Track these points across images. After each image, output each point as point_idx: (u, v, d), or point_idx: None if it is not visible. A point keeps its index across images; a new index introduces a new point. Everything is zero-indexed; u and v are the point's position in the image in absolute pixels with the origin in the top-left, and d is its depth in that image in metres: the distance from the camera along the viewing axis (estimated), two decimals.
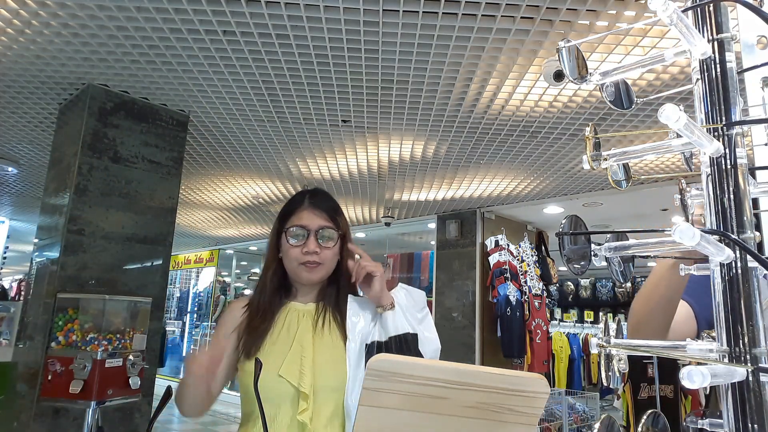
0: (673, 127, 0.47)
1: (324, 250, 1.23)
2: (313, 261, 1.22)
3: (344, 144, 3.98)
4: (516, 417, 0.56)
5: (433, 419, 0.56)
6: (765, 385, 0.51)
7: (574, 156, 4.06)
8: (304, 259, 1.22)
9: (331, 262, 1.26)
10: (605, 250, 0.61)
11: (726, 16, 0.61)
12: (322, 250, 1.23)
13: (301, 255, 1.22)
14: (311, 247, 1.22)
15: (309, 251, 1.22)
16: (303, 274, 1.23)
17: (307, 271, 1.23)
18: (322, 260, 1.23)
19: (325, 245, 1.24)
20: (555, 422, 4.65)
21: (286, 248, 1.24)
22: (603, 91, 0.71)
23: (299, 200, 1.28)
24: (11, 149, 4.48)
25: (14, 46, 2.72)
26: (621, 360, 0.57)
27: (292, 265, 1.24)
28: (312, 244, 1.22)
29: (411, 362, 0.55)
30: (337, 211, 1.29)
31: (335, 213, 1.28)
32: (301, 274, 1.23)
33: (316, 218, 1.25)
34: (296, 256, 1.22)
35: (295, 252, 1.23)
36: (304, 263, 1.22)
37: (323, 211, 1.26)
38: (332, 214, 1.27)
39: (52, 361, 2.60)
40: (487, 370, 0.55)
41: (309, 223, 1.24)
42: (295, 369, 1.13)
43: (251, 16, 2.35)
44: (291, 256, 1.23)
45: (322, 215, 1.25)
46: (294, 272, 1.25)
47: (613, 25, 2.34)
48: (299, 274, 1.24)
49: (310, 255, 1.22)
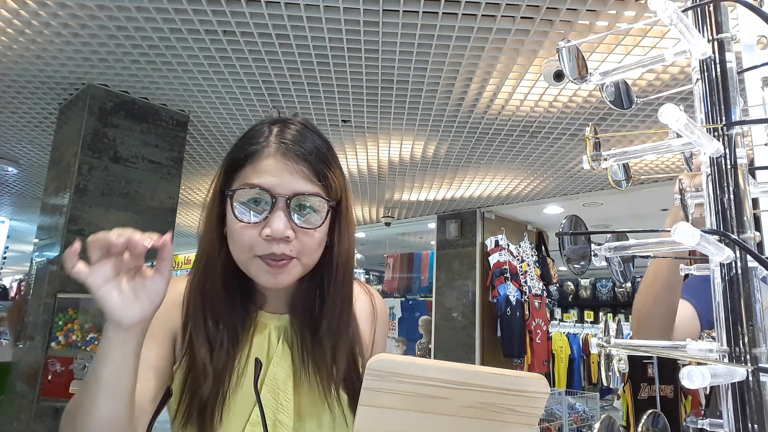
0: (673, 127, 0.47)
1: (302, 236, 0.70)
2: (281, 255, 0.69)
3: (344, 144, 3.98)
4: (516, 417, 0.56)
5: (433, 419, 0.55)
6: (765, 385, 0.51)
7: (574, 156, 4.06)
8: (266, 249, 0.69)
9: (314, 253, 0.73)
10: (605, 250, 0.61)
11: (726, 16, 0.61)
12: (298, 236, 0.70)
13: (260, 241, 0.69)
14: (278, 226, 0.68)
15: (274, 235, 0.68)
16: (263, 275, 0.70)
17: (270, 271, 0.70)
18: (298, 253, 0.70)
19: (304, 225, 0.70)
20: (555, 422, 4.65)
21: (232, 226, 0.70)
22: (603, 91, 0.71)
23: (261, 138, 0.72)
24: (11, 149, 4.48)
25: (14, 46, 2.72)
26: (621, 360, 0.57)
27: (242, 257, 0.71)
28: (280, 221, 0.68)
29: (411, 362, 0.55)
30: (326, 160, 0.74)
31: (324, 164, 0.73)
32: (260, 274, 0.71)
33: (288, 175, 0.70)
34: (250, 243, 0.69)
35: (248, 236, 0.69)
36: (266, 257, 0.69)
37: (303, 160, 0.71)
38: (319, 166, 0.72)
39: (52, 361, 2.61)
40: (487, 370, 0.55)
41: (277, 182, 0.69)
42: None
43: (251, 16, 2.35)
44: (241, 242, 0.69)
45: (302, 170, 0.70)
46: (247, 270, 0.72)
47: (613, 25, 2.34)
48: (256, 275, 0.71)
49: (276, 243, 0.68)
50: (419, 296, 7.08)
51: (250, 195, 0.70)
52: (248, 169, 0.71)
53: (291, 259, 0.70)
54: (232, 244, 0.71)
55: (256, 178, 0.70)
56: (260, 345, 0.75)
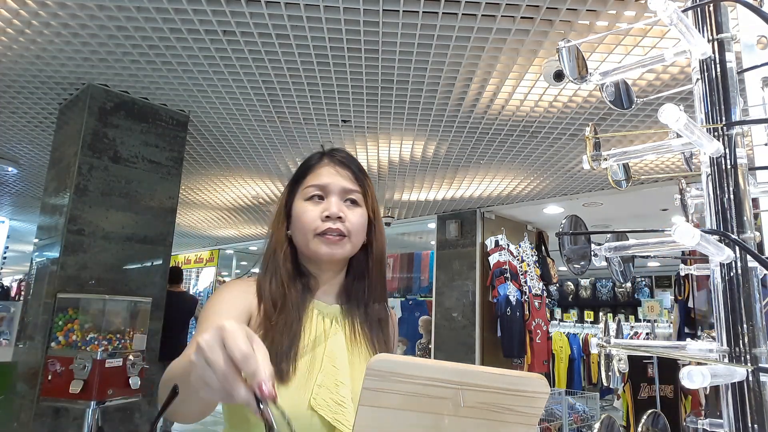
0: (673, 127, 0.47)
1: (351, 216, 0.93)
2: (336, 229, 0.91)
3: (344, 144, 3.98)
4: (516, 417, 0.56)
5: (433, 419, 0.56)
6: (765, 385, 0.51)
7: (574, 156, 4.06)
8: (324, 226, 0.91)
9: (359, 234, 0.95)
10: (605, 250, 0.61)
11: (726, 16, 0.61)
12: (348, 216, 0.93)
13: (320, 221, 0.91)
14: (333, 209, 0.91)
15: (331, 215, 0.91)
16: (322, 248, 0.91)
17: (328, 243, 0.91)
18: (347, 229, 0.92)
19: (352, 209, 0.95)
20: (555, 422, 4.65)
21: (299, 213, 0.93)
22: (603, 91, 0.71)
23: (316, 158, 0.99)
24: (11, 149, 4.48)
25: (14, 46, 2.73)
26: (621, 360, 0.57)
27: (306, 238, 0.92)
28: (335, 205, 0.92)
29: (411, 362, 0.55)
30: (363, 171, 1.00)
31: (362, 174, 0.99)
32: (319, 248, 0.91)
33: (339, 177, 0.95)
34: (312, 223, 0.91)
35: (311, 216, 0.92)
36: (323, 233, 0.91)
37: (348, 169, 0.97)
38: (359, 174, 0.98)
39: (52, 361, 2.60)
40: (487, 370, 0.56)
41: (330, 181, 0.94)
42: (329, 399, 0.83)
43: (251, 16, 2.35)
44: (305, 223, 0.92)
45: (347, 174, 0.96)
46: (308, 248, 0.92)
47: (613, 25, 2.34)
48: (316, 250, 0.91)
49: (332, 221, 0.91)
50: (419, 296, 7.08)
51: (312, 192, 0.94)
52: (309, 177, 0.96)
53: (343, 236, 0.92)
54: (298, 230, 0.93)
55: (315, 180, 0.95)
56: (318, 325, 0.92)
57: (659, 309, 5.14)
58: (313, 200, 0.94)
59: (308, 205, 0.93)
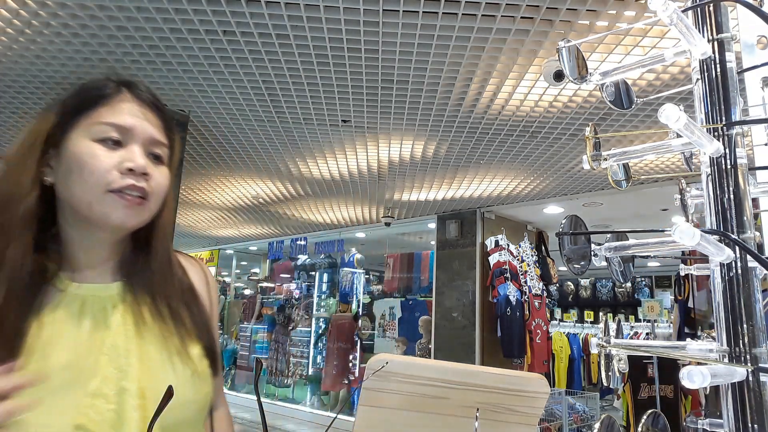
0: (673, 127, 0.47)
1: (157, 176, 0.72)
2: (139, 188, 0.68)
3: (344, 144, 3.98)
4: (516, 417, 0.56)
5: (433, 419, 0.56)
6: (765, 385, 0.51)
7: (574, 156, 4.06)
8: (124, 182, 0.67)
9: (159, 200, 0.73)
10: (605, 250, 0.61)
11: (726, 16, 0.61)
12: (153, 175, 0.71)
13: (116, 174, 0.67)
14: (140, 161, 0.69)
15: (137, 168, 0.68)
16: (117, 210, 0.67)
17: (125, 206, 0.68)
18: (151, 191, 0.70)
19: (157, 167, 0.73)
20: (555, 422, 4.65)
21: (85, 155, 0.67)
22: (603, 91, 0.71)
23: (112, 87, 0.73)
24: None
25: (14, 46, 2.73)
26: (621, 360, 0.57)
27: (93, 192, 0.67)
28: (140, 156, 0.70)
29: (411, 362, 0.55)
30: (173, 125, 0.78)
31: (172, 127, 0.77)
32: (114, 210, 0.67)
33: (145, 122, 0.72)
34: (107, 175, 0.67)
35: (105, 165, 0.67)
36: (120, 190, 0.67)
37: (157, 113, 0.75)
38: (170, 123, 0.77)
39: None
40: (487, 370, 0.56)
41: (136, 124, 0.71)
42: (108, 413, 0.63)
43: (251, 16, 2.35)
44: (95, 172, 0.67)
45: (156, 121, 0.74)
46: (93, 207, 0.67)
47: (613, 25, 2.35)
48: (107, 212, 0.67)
49: (135, 177, 0.68)
50: (419, 296, 7.07)
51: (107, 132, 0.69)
52: (103, 111, 0.70)
53: (144, 199, 0.69)
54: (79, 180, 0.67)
55: (113, 117, 0.70)
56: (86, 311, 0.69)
57: (659, 309, 5.14)
58: (105, 143, 0.68)
59: (99, 148, 0.68)
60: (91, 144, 0.68)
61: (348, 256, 7.19)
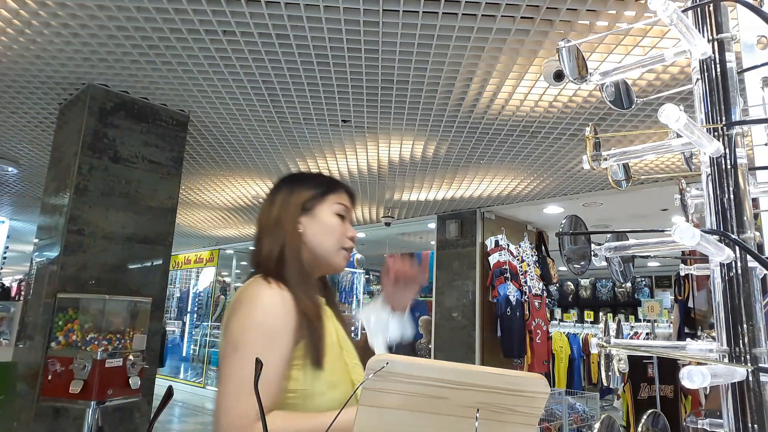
0: (673, 127, 0.47)
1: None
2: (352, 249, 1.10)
3: (344, 144, 3.98)
4: (516, 417, 0.56)
5: (433, 419, 0.56)
6: (765, 385, 0.51)
7: (574, 156, 4.06)
8: (349, 245, 1.09)
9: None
10: (605, 250, 0.61)
11: (726, 16, 0.61)
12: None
13: (347, 239, 1.08)
14: (354, 232, 1.11)
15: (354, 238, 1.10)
16: (341, 261, 1.08)
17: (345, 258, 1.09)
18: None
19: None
20: (555, 422, 4.65)
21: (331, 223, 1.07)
22: (603, 91, 0.71)
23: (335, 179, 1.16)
24: (11, 149, 4.48)
25: (14, 46, 2.73)
26: (621, 360, 0.57)
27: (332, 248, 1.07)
28: (353, 229, 1.11)
29: (411, 362, 0.55)
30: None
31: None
32: (341, 262, 1.09)
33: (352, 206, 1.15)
34: (342, 239, 1.08)
35: (340, 231, 1.08)
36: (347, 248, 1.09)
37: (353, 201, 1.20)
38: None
39: (52, 361, 2.60)
40: (487, 370, 0.56)
41: (351, 207, 1.13)
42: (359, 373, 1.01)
43: (251, 16, 2.35)
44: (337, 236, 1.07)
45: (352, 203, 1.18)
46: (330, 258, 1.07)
47: (613, 25, 2.34)
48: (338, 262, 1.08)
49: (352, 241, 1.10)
50: (419, 296, 7.08)
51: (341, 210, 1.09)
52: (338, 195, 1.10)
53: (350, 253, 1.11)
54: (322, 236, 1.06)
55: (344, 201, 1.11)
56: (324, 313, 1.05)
57: (659, 309, 5.14)
58: (339, 217, 1.08)
59: (337, 219, 1.08)
60: (334, 216, 1.08)
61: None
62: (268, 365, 0.86)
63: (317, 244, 1.05)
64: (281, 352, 0.90)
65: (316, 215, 1.07)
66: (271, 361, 0.87)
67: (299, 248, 1.03)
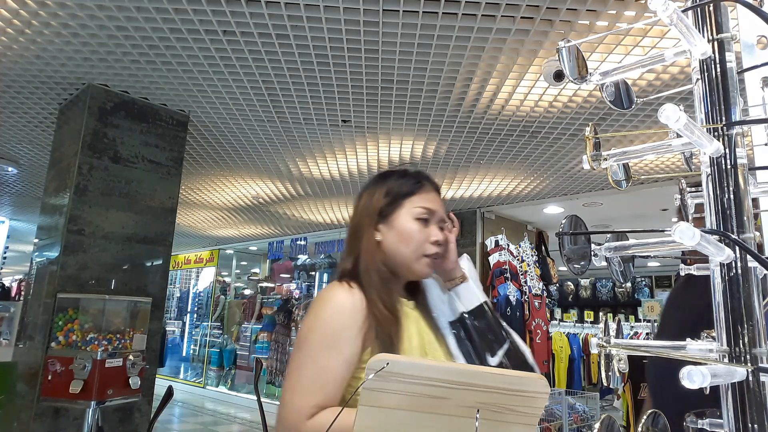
0: (673, 127, 0.47)
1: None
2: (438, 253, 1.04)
3: (344, 144, 3.98)
4: (516, 417, 0.56)
5: (433, 419, 0.56)
6: (765, 385, 0.51)
7: (574, 156, 4.06)
8: (432, 250, 1.02)
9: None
10: (605, 250, 0.61)
11: (726, 16, 0.61)
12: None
13: (429, 245, 1.02)
14: (441, 237, 1.04)
15: (441, 242, 1.03)
16: (423, 268, 1.03)
17: (430, 266, 1.03)
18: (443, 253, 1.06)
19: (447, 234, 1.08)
20: (555, 422, 4.65)
21: (410, 230, 1.02)
22: (603, 91, 0.71)
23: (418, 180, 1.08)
24: (11, 149, 4.48)
25: (14, 46, 2.72)
26: (621, 360, 0.57)
27: (413, 256, 1.02)
28: (438, 233, 1.04)
29: (411, 362, 0.55)
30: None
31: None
32: (425, 269, 1.03)
33: (440, 206, 1.07)
34: (423, 245, 1.02)
35: (421, 238, 1.02)
36: (431, 255, 1.02)
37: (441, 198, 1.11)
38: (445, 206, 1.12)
39: (52, 361, 2.60)
40: (487, 370, 0.56)
41: (437, 208, 1.05)
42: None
43: (251, 16, 2.35)
44: (416, 243, 1.01)
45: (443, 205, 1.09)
46: (412, 265, 1.02)
47: (613, 25, 2.34)
48: (421, 270, 1.03)
49: (437, 246, 1.03)
50: None
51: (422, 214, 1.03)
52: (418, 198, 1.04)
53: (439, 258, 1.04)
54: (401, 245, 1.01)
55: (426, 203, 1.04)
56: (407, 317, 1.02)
57: (659, 309, 5.14)
58: (420, 221, 1.03)
59: (418, 225, 1.02)
60: (414, 221, 1.03)
61: None
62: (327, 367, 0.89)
63: (395, 252, 1.02)
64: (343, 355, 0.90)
65: (392, 223, 1.03)
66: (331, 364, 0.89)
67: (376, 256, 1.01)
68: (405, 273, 1.04)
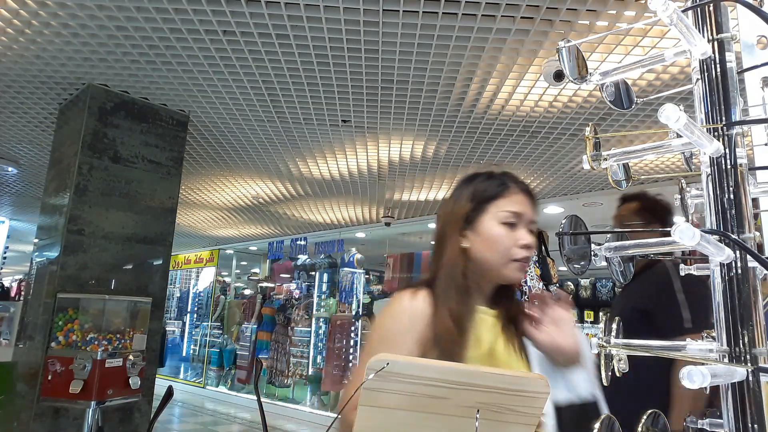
0: (673, 127, 0.47)
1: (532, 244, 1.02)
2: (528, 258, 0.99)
3: (344, 144, 3.98)
4: (516, 417, 0.56)
5: (433, 419, 0.56)
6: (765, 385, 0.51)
7: (574, 156, 4.06)
8: (521, 254, 0.98)
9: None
10: (605, 250, 0.61)
11: (726, 16, 0.61)
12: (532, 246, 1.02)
13: (517, 249, 0.98)
14: (530, 240, 0.99)
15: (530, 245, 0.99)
16: (513, 272, 0.99)
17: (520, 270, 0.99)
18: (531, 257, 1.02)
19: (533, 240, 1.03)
20: None
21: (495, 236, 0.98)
22: (603, 91, 0.71)
23: (503, 182, 1.03)
24: (11, 149, 4.48)
25: (14, 46, 2.72)
26: (621, 360, 0.57)
27: (500, 261, 0.98)
28: (527, 236, 0.99)
29: (411, 362, 0.55)
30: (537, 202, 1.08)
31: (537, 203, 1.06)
32: (514, 273, 0.99)
33: (529, 208, 1.01)
34: (510, 250, 0.98)
35: (508, 243, 0.98)
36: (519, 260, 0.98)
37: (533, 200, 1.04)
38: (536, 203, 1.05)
39: (52, 361, 2.60)
40: (487, 370, 0.56)
41: (524, 211, 1.00)
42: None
43: (251, 16, 2.35)
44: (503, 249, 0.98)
45: (532, 206, 1.03)
46: (500, 271, 0.99)
47: (613, 25, 2.34)
48: (510, 275, 0.99)
49: (527, 250, 0.99)
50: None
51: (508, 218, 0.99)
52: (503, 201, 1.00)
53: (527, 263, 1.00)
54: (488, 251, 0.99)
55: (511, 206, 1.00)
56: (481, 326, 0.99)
57: None
58: (507, 225, 0.99)
59: (504, 229, 0.99)
60: (499, 226, 0.99)
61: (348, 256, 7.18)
62: None
63: (483, 259, 0.99)
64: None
65: (478, 228, 1.00)
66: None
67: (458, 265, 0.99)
68: (495, 278, 1.01)
